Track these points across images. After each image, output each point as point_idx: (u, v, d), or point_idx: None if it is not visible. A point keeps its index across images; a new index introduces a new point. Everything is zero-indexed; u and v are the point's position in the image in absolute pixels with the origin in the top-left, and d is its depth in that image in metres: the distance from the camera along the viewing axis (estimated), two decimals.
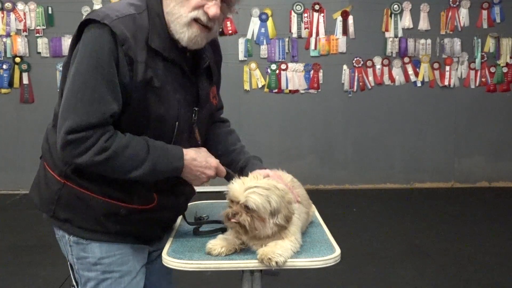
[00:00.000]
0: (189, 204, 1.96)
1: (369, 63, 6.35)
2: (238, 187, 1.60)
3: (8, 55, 6.20)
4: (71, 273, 1.80)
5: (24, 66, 6.20)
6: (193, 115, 1.75)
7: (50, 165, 1.72)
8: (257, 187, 1.58)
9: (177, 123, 1.68)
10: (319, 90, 6.36)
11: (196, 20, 1.62)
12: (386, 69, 6.38)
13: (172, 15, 1.63)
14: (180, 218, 1.96)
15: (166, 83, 1.65)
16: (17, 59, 6.20)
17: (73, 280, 1.80)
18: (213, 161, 1.73)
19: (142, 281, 1.82)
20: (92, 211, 1.67)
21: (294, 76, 6.32)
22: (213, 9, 1.61)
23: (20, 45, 6.18)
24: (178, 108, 1.68)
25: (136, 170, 1.60)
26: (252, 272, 1.69)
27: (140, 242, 1.80)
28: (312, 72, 6.32)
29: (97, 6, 6.08)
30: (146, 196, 1.71)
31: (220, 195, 2.17)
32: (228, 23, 6.24)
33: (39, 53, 6.19)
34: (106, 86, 1.55)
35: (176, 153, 1.66)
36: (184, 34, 1.63)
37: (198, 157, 1.69)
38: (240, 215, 1.57)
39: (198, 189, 1.93)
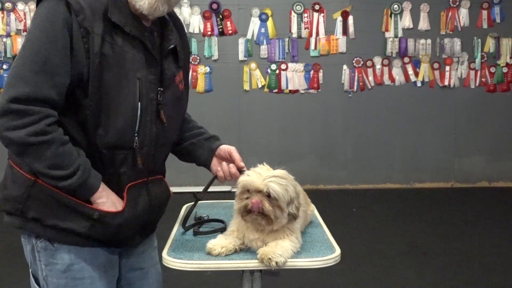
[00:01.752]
0: (189, 204, 1.95)
1: (369, 63, 6.35)
2: (256, 177, 1.60)
3: (8, 55, 6.20)
4: (33, 282, 1.70)
5: None
6: (158, 96, 1.67)
7: (18, 163, 1.62)
8: (275, 177, 1.60)
9: (139, 103, 1.60)
10: (319, 90, 6.37)
11: None
12: (386, 69, 6.38)
13: None
14: (178, 223, 1.94)
15: (126, 60, 1.58)
16: None
17: (35, 284, 1.69)
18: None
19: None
20: (65, 212, 1.58)
21: (294, 76, 6.32)
22: None
23: (20, 45, 6.17)
24: (139, 87, 1.60)
25: (59, 170, 1.50)
26: (252, 272, 1.69)
27: (112, 246, 1.71)
28: (312, 72, 6.32)
29: None
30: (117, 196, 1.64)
31: (220, 195, 2.17)
32: (228, 23, 6.24)
33: None
34: (59, 58, 1.49)
35: (96, 173, 1.59)
36: (144, 1, 1.60)
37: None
38: (263, 204, 1.58)
39: (196, 188, 1.93)
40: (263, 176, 1.60)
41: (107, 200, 1.59)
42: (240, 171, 1.81)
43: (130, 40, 1.60)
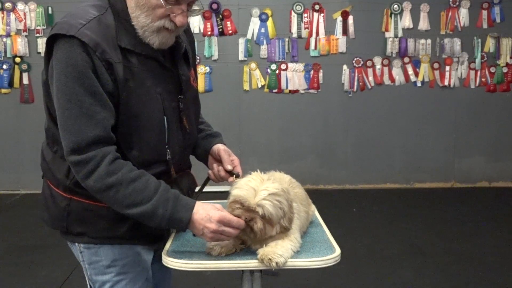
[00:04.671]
0: None
1: (369, 63, 6.35)
2: (250, 193, 1.56)
3: (8, 55, 6.20)
4: (86, 277, 1.79)
5: (24, 66, 6.20)
6: (179, 104, 1.72)
7: (53, 183, 1.70)
8: (269, 194, 1.56)
9: (165, 117, 1.66)
10: (319, 90, 6.36)
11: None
12: (386, 69, 6.38)
13: (138, 21, 1.60)
14: None
15: (145, 78, 1.62)
16: (17, 59, 6.20)
17: (88, 284, 1.79)
18: (215, 214, 1.55)
19: (151, 282, 1.83)
20: (104, 221, 1.66)
21: (294, 76, 6.32)
22: (180, 19, 1.59)
23: (20, 45, 6.18)
24: (162, 102, 1.65)
25: (135, 207, 1.53)
26: (252, 272, 1.69)
27: (150, 242, 1.79)
28: (312, 72, 6.32)
29: None
30: None
31: (220, 195, 2.17)
32: (228, 23, 6.24)
33: (39, 53, 6.18)
34: (92, 97, 1.52)
35: (186, 203, 1.57)
36: (154, 40, 1.62)
37: (201, 209, 1.56)
38: (255, 221, 1.56)
39: (197, 189, 1.93)
40: (257, 193, 1.55)
41: (205, 226, 1.55)
42: (231, 173, 1.81)
43: (143, 58, 1.62)
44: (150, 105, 1.62)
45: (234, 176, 1.80)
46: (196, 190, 1.92)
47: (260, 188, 1.57)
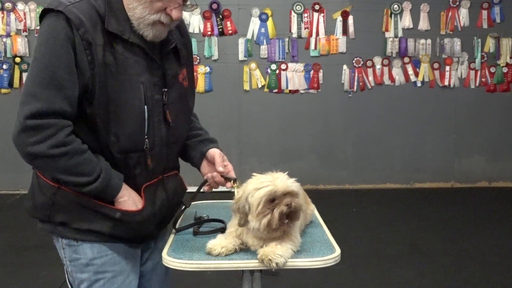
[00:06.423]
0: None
1: (369, 63, 6.35)
2: (278, 182, 1.59)
3: (8, 55, 6.20)
4: (66, 277, 1.80)
5: (24, 66, 6.20)
6: (163, 97, 1.72)
7: (41, 171, 1.71)
8: (287, 179, 1.61)
9: (145, 107, 1.66)
10: (319, 90, 6.36)
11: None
12: (386, 69, 6.38)
13: (134, 13, 1.63)
14: (179, 219, 1.95)
15: (128, 66, 1.63)
16: (17, 59, 6.20)
17: (68, 284, 1.79)
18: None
19: (135, 281, 1.81)
20: (88, 214, 1.66)
21: (294, 76, 6.32)
22: (176, 13, 1.63)
23: (20, 45, 6.18)
24: (144, 92, 1.65)
25: (85, 176, 1.58)
26: (252, 272, 1.69)
27: (134, 243, 1.79)
28: (312, 72, 6.32)
29: None
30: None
31: (220, 195, 2.17)
32: (228, 23, 6.24)
33: None
34: (65, 72, 1.54)
35: (118, 174, 1.66)
36: (149, 32, 1.65)
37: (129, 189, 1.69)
38: (294, 201, 1.58)
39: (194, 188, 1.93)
40: (282, 179, 1.59)
41: (128, 199, 1.67)
42: (226, 178, 1.81)
43: (130, 46, 1.65)
44: (130, 92, 1.63)
45: (232, 181, 1.80)
46: (193, 191, 1.91)
47: (274, 177, 1.61)
